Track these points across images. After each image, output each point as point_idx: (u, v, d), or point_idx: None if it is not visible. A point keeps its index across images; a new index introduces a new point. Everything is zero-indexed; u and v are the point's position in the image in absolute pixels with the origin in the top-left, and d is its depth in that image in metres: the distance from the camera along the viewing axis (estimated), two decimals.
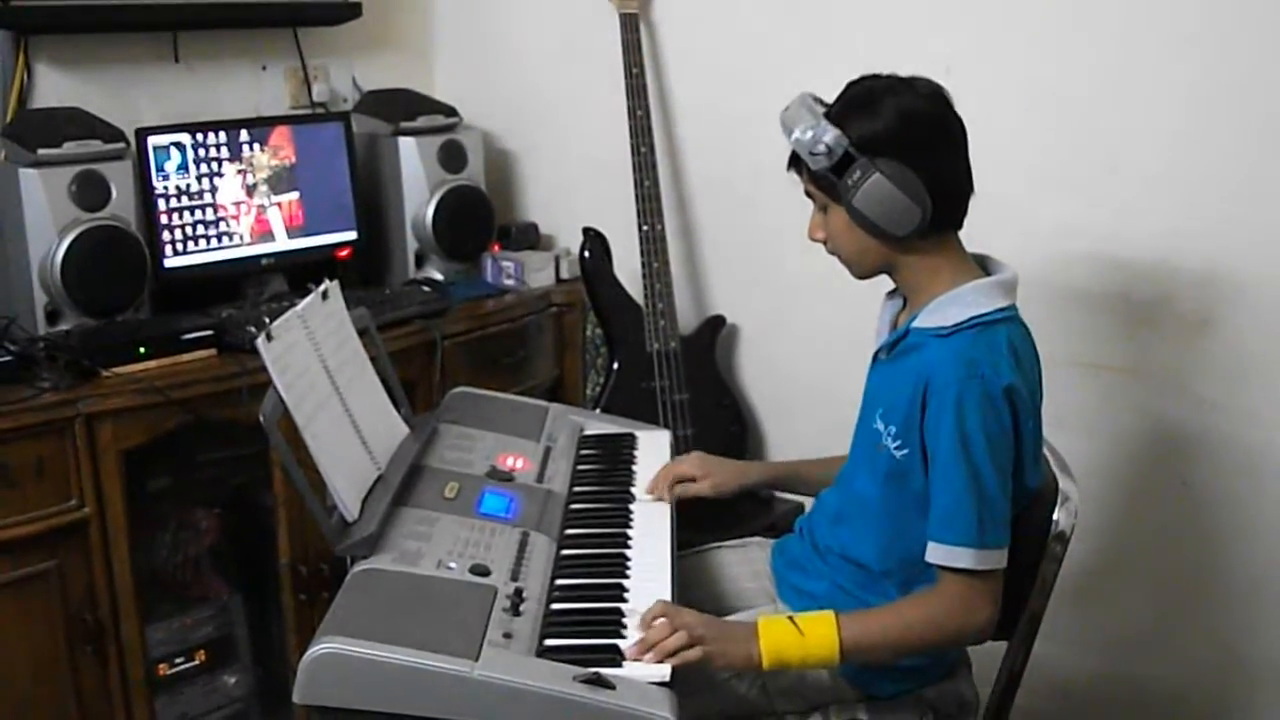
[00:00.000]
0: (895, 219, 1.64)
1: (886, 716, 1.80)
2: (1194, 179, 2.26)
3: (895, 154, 1.63)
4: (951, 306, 1.67)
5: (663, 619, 1.57)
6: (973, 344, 1.64)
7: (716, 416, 2.95)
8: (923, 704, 1.81)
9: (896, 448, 1.69)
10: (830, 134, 1.63)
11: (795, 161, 1.73)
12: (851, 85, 1.71)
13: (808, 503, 2.03)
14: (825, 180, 1.67)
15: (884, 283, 1.82)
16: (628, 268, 2.93)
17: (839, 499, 1.87)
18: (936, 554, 1.63)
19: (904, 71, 1.71)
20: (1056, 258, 2.38)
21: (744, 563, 2.05)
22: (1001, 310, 1.67)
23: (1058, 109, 2.38)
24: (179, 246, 2.66)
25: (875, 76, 1.70)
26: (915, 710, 1.80)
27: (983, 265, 1.75)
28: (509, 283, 3.05)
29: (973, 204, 1.72)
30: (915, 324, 1.71)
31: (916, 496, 1.68)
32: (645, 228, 2.87)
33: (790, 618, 1.63)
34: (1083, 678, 2.52)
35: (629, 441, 2.20)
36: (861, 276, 1.78)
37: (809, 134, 1.64)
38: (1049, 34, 2.38)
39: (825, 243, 1.76)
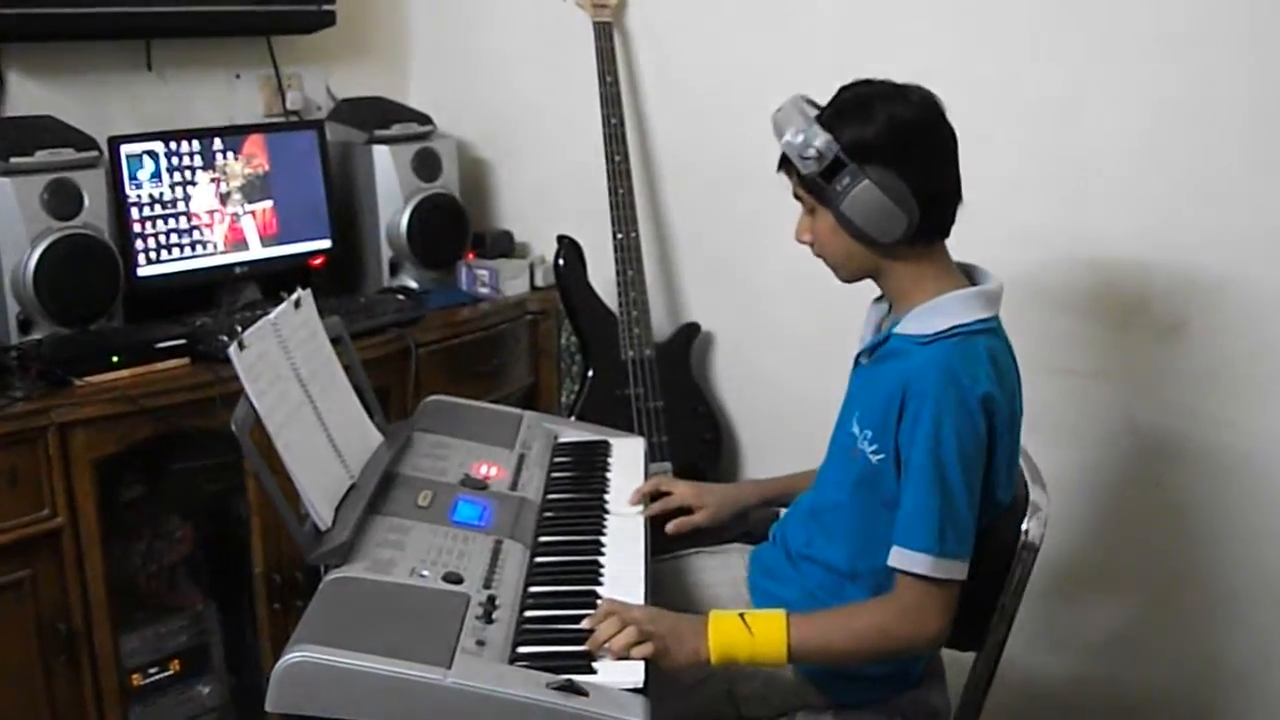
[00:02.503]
0: (882, 226, 1.65)
1: None
2: (1166, 184, 2.28)
3: (884, 161, 1.63)
4: (933, 315, 1.68)
5: (612, 616, 1.57)
6: (952, 353, 1.64)
7: (691, 423, 2.96)
8: (892, 712, 1.81)
9: (872, 452, 1.70)
10: (821, 138, 1.64)
11: (785, 163, 1.72)
12: (844, 90, 1.71)
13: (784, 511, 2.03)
14: (814, 184, 1.67)
15: (866, 289, 1.82)
16: (602, 275, 2.93)
17: (812, 500, 1.88)
18: (896, 557, 1.63)
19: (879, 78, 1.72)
20: (1029, 262, 2.39)
21: (722, 569, 2.05)
22: (983, 321, 1.68)
23: (1029, 114, 2.40)
24: (152, 255, 2.65)
25: (869, 82, 1.71)
26: (883, 718, 1.80)
27: (969, 274, 1.76)
28: (484, 291, 3.05)
29: None
30: (897, 330, 1.72)
31: (887, 502, 1.68)
32: (620, 235, 2.88)
33: (741, 615, 1.63)
34: (1059, 681, 2.53)
35: (603, 449, 2.20)
36: (847, 280, 1.78)
37: (800, 137, 1.64)
38: (1022, 40, 2.40)
39: (811, 245, 1.76)
